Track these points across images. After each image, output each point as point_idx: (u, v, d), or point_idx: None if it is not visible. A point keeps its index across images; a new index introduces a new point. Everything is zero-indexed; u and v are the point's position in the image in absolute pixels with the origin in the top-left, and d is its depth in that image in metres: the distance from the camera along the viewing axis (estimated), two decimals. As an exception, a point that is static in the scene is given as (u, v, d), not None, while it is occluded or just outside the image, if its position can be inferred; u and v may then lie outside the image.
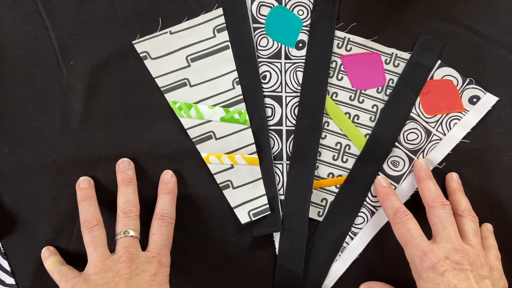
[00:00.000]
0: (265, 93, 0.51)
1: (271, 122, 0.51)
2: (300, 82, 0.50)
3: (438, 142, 0.51)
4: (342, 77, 0.51)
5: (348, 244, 0.51)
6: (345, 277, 0.51)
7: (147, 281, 0.42)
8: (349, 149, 0.51)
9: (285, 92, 0.51)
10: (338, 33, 0.51)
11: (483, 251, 0.45)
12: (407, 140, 0.51)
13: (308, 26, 0.51)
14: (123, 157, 0.49)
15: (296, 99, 0.51)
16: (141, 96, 0.49)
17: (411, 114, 0.51)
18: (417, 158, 0.51)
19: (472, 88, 0.51)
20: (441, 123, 0.51)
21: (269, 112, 0.51)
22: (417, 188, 0.51)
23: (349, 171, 0.51)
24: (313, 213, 0.51)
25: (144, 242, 0.46)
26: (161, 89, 0.49)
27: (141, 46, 0.49)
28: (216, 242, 0.50)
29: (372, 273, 0.51)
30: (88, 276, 0.43)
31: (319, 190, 0.51)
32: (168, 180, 0.49)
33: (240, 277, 0.51)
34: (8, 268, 0.49)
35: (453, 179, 0.50)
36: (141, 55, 0.49)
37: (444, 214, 0.46)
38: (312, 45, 0.50)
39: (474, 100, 0.51)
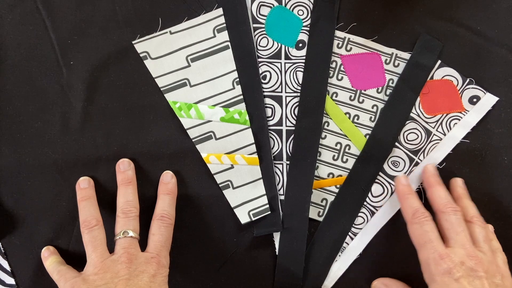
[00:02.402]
0: (265, 93, 0.51)
1: (271, 122, 0.51)
2: (300, 82, 0.50)
3: (438, 142, 0.51)
4: (342, 77, 0.51)
5: (348, 244, 0.51)
6: (345, 277, 0.51)
7: (146, 282, 0.42)
8: (349, 149, 0.51)
9: (285, 92, 0.51)
10: (338, 33, 0.51)
11: (494, 258, 0.45)
12: (407, 140, 0.51)
13: (308, 26, 0.51)
14: (123, 157, 0.49)
15: (296, 99, 0.51)
16: (141, 96, 0.49)
17: (411, 114, 0.51)
18: (418, 158, 0.51)
19: (472, 88, 0.51)
20: (441, 123, 0.51)
21: (269, 112, 0.51)
22: (417, 189, 0.51)
23: (349, 171, 0.51)
24: (313, 213, 0.51)
25: (143, 242, 0.46)
26: (161, 89, 0.49)
27: (141, 46, 0.49)
28: (216, 242, 0.50)
29: (372, 273, 0.51)
30: (87, 276, 0.43)
31: (319, 190, 0.51)
32: (168, 180, 0.49)
33: (240, 277, 0.51)
34: (8, 268, 0.49)
35: (458, 184, 0.50)
36: (141, 55, 0.49)
37: (456, 220, 0.45)
38: (312, 45, 0.50)
39: (474, 100, 0.51)
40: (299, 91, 0.51)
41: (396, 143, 0.51)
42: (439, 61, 0.51)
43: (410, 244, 0.51)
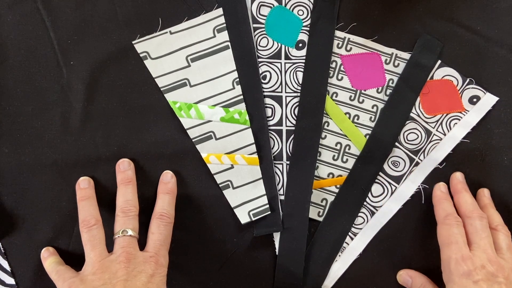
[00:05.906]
0: (265, 93, 0.51)
1: (271, 122, 0.51)
2: (300, 82, 0.50)
3: (438, 142, 0.51)
4: (342, 77, 0.51)
5: (348, 244, 0.51)
6: (345, 277, 0.51)
7: (144, 283, 0.42)
8: (349, 149, 0.51)
9: (285, 92, 0.51)
10: (338, 33, 0.51)
11: None
12: (407, 140, 0.51)
13: (308, 26, 0.51)
14: (123, 157, 0.49)
15: (296, 99, 0.51)
16: (141, 96, 0.49)
17: (411, 114, 0.51)
18: (418, 158, 0.51)
19: (472, 88, 0.51)
20: (441, 123, 0.51)
21: (269, 112, 0.51)
22: (417, 189, 0.51)
23: (349, 171, 0.51)
24: (313, 213, 0.51)
25: (143, 242, 0.46)
26: (161, 89, 0.49)
27: (141, 46, 0.49)
28: (216, 242, 0.50)
29: (372, 273, 0.51)
30: (85, 277, 0.43)
31: (319, 190, 0.51)
32: (167, 180, 0.49)
33: (240, 277, 0.51)
34: (8, 268, 0.49)
35: (484, 194, 0.51)
36: (141, 55, 0.49)
37: (481, 226, 0.46)
38: (312, 45, 0.50)
39: (474, 100, 0.51)
40: (299, 91, 0.51)
41: (396, 143, 0.51)
42: (439, 61, 0.51)
43: (410, 244, 0.51)
